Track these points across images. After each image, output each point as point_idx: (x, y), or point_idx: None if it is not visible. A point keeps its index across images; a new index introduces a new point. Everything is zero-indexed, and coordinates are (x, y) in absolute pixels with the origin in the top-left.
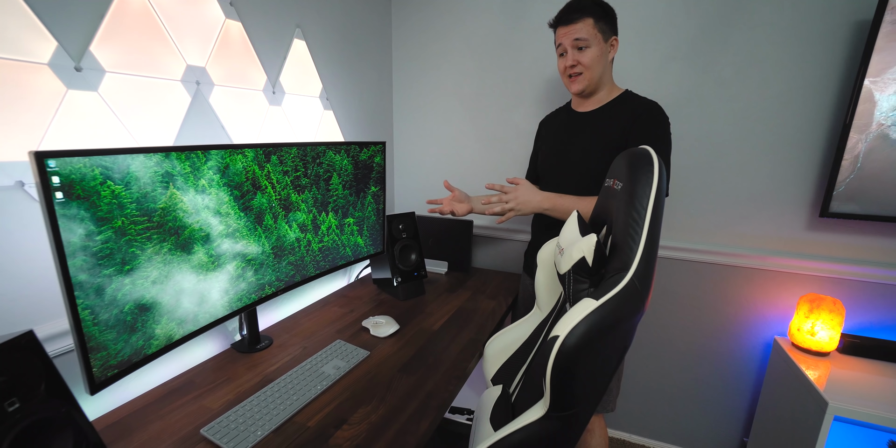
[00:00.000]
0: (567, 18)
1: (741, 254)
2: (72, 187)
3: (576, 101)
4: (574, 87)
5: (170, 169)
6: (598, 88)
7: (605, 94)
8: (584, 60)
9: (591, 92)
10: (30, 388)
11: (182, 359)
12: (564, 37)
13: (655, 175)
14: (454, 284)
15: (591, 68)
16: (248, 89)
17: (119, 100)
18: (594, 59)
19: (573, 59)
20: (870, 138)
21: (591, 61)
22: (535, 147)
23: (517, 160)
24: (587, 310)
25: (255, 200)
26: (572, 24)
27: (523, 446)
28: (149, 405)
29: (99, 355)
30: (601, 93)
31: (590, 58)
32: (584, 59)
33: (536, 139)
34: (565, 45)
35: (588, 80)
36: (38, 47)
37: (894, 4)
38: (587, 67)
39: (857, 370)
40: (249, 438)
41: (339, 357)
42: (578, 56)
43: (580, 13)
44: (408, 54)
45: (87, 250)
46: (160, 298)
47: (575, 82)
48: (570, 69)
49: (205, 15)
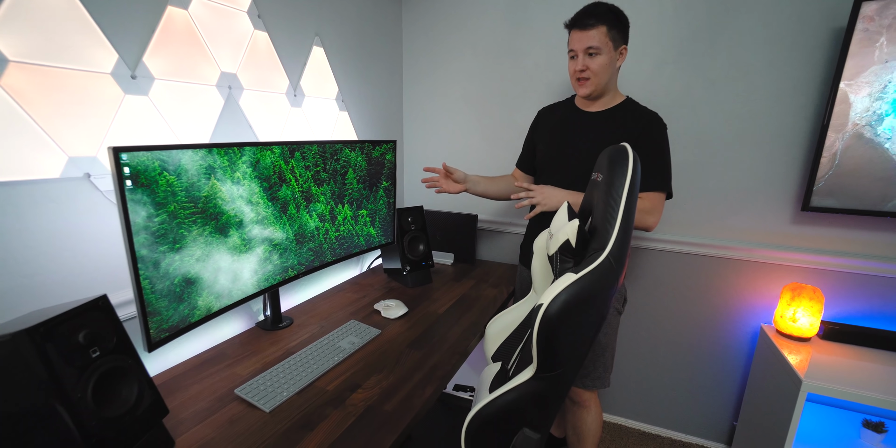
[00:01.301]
0: (582, 23)
1: (729, 246)
2: (138, 177)
3: (581, 100)
4: (582, 91)
5: (212, 162)
6: (603, 93)
7: (610, 99)
8: (593, 67)
9: (597, 96)
10: (105, 342)
11: (213, 334)
12: (578, 42)
13: (629, 168)
14: (459, 274)
15: (599, 75)
16: (273, 92)
17: (165, 103)
18: (603, 67)
19: (583, 65)
20: (846, 137)
21: (600, 68)
22: (531, 135)
23: None
24: (568, 281)
25: (280, 192)
26: (586, 30)
27: (516, 403)
28: (187, 371)
29: (154, 319)
30: (606, 97)
31: (599, 64)
32: (594, 66)
33: (533, 128)
34: (577, 51)
35: (595, 85)
36: (103, 59)
37: (865, 14)
38: (595, 74)
39: (836, 355)
40: (276, 398)
41: (353, 334)
42: (588, 62)
43: (595, 19)
44: (417, 58)
45: (148, 230)
46: (202, 274)
47: (583, 86)
48: (579, 73)
49: (237, 27)
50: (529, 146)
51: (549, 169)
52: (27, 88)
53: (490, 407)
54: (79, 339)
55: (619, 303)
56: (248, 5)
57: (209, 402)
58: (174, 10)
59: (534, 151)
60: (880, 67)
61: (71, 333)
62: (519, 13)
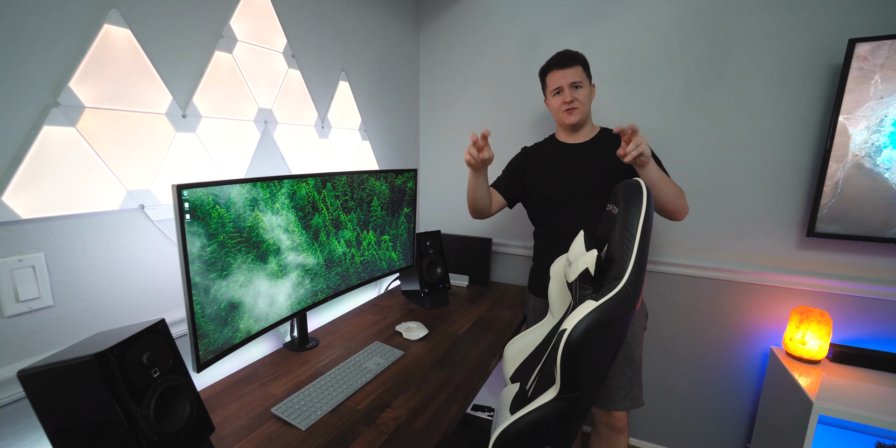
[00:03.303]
0: (564, 63)
1: (738, 270)
2: (195, 210)
3: (564, 134)
4: (570, 119)
5: (255, 195)
6: (586, 122)
7: (590, 129)
8: (579, 97)
9: (581, 124)
10: (164, 362)
11: (244, 355)
12: (562, 78)
13: (644, 203)
14: (475, 296)
15: (585, 103)
16: (303, 125)
17: (210, 138)
18: (587, 96)
19: (570, 96)
20: (847, 167)
21: (585, 98)
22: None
23: None
24: (589, 308)
25: (313, 220)
26: (568, 68)
27: (539, 422)
28: (224, 390)
29: (203, 342)
30: (587, 128)
31: (584, 95)
32: (580, 96)
33: (519, 163)
34: (563, 85)
35: (582, 113)
36: (159, 101)
37: (859, 54)
38: (582, 102)
39: (845, 377)
40: (311, 417)
41: (378, 355)
42: (575, 93)
43: (573, 61)
44: (433, 89)
45: (201, 259)
46: (244, 299)
47: (572, 114)
48: (568, 104)
49: (273, 67)
50: (513, 176)
51: (564, 200)
52: (97, 130)
53: (515, 426)
54: (143, 360)
55: (644, 319)
56: (284, 46)
57: (248, 420)
58: (220, 54)
59: (518, 183)
60: (876, 103)
61: (137, 355)
62: (532, 45)
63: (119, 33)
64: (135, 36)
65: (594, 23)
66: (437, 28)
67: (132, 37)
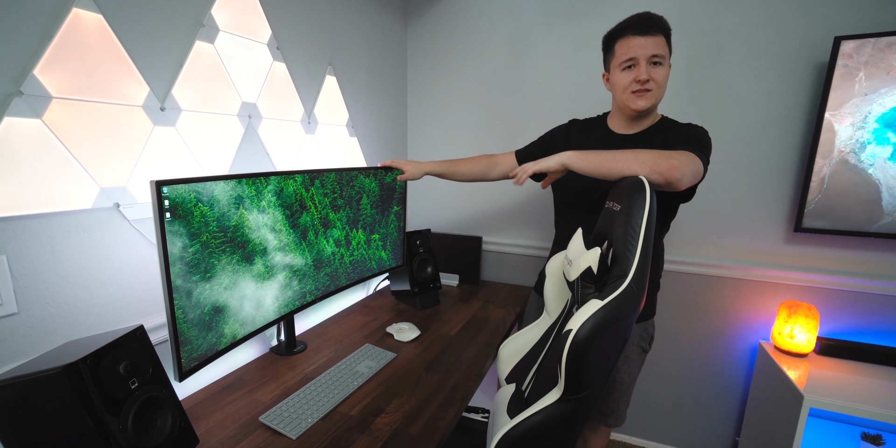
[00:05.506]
0: (644, 29)
1: (726, 265)
2: (176, 209)
3: (619, 121)
4: (640, 104)
5: (241, 192)
6: (654, 110)
7: (651, 119)
8: (657, 77)
9: (649, 112)
10: (142, 372)
11: (229, 360)
12: (641, 48)
13: (647, 201)
14: (466, 295)
15: (662, 87)
16: (289, 120)
17: (190, 133)
18: (666, 79)
19: (647, 74)
20: (833, 163)
21: (664, 79)
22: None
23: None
24: (594, 308)
25: (301, 219)
26: (650, 36)
27: (543, 424)
28: (208, 398)
29: (185, 348)
30: (649, 117)
31: (663, 75)
32: (658, 76)
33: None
34: (639, 58)
35: (656, 98)
36: (136, 93)
37: (844, 51)
38: (659, 85)
39: (833, 370)
40: (302, 424)
41: (369, 358)
42: (653, 72)
43: (656, 27)
44: (420, 85)
45: (183, 260)
46: (229, 302)
47: (642, 98)
48: (641, 84)
49: (257, 59)
50: (545, 149)
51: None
52: (66, 123)
53: (517, 429)
54: (120, 370)
55: (646, 342)
56: (269, 37)
57: (234, 430)
58: (201, 44)
59: None
60: (860, 99)
61: (113, 365)
62: (521, 42)
63: (90, 18)
64: (107, 21)
65: (585, 19)
66: (425, 23)
67: (104, 22)
